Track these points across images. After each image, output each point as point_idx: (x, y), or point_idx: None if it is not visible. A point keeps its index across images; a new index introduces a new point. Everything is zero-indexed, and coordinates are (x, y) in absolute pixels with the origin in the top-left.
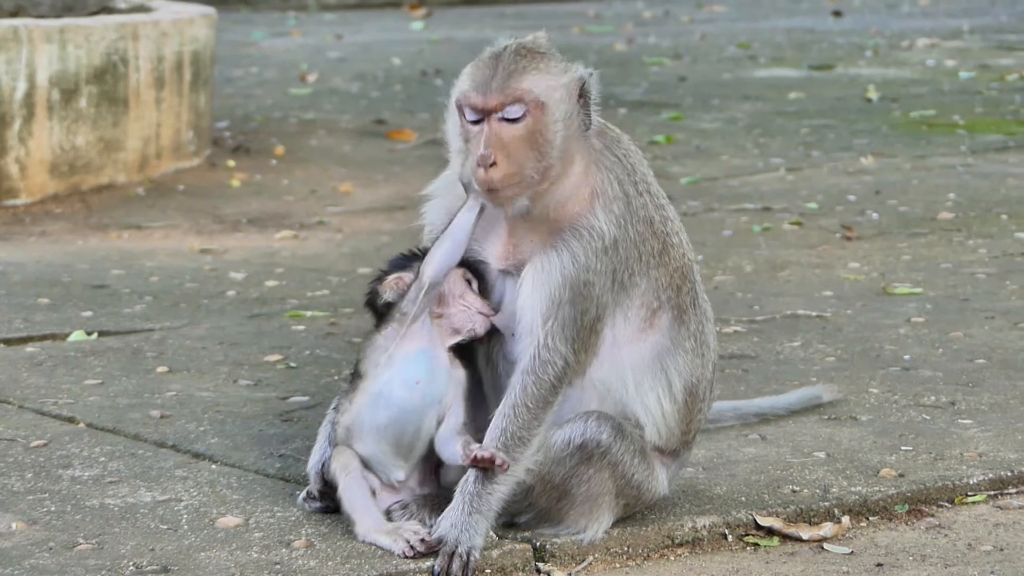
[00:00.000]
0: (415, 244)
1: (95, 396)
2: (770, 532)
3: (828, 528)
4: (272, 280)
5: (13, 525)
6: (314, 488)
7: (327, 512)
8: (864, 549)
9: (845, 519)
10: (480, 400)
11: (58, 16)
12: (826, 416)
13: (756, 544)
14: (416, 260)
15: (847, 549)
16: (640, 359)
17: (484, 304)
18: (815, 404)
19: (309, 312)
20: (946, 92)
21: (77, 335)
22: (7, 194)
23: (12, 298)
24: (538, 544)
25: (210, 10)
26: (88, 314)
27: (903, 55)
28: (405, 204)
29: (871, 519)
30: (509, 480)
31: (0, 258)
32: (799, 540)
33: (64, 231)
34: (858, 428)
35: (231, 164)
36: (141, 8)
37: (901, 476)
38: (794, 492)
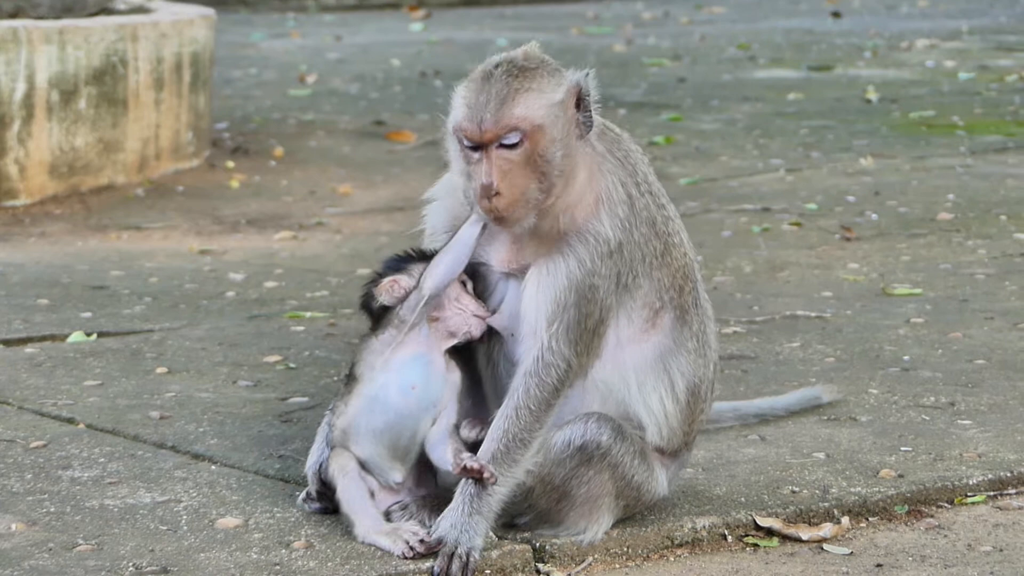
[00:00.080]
0: (411, 246)
1: (94, 397)
2: (770, 533)
3: (828, 529)
4: (271, 281)
5: (13, 526)
6: (312, 489)
7: (326, 513)
8: (864, 550)
9: (845, 520)
10: (480, 400)
11: (57, 17)
12: (826, 417)
13: (756, 545)
14: (412, 262)
15: (847, 550)
16: (643, 360)
17: (479, 306)
18: (814, 405)
19: (308, 313)
20: (945, 93)
21: (76, 336)
22: (6, 195)
23: (11, 299)
24: (538, 545)
25: (209, 11)
26: (87, 315)
27: (902, 56)
28: (404, 205)
29: (871, 520)
30: (509, 481)
31: (0, 259)
32: (799, 541)
33: (63, 232)
34: (858, 429)
35: (230, 165)
36: (140, 9)
37: (901, 477)
38: (794, 493)
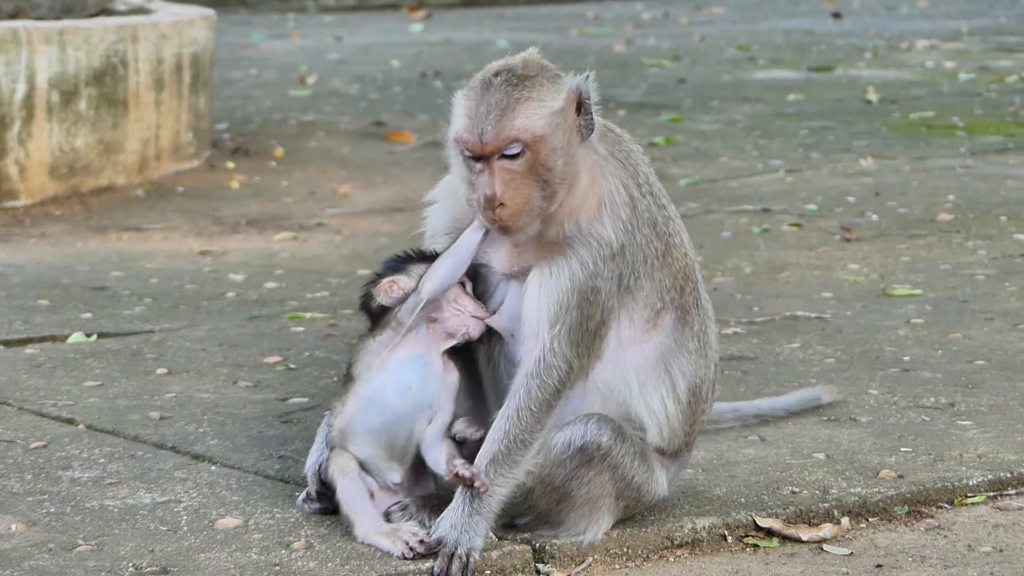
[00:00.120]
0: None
1: (95, 398)
2: (769, 533)
3: (828, 529)
4: (271, 282)
5: (13, 527)
6: (312, 489)
7: (326, 513)
8: (864, 550)
9: (845, 520)
10: (480, 400)
11: (57, 18)
12: (825, 417)
13: (755, 545)
14: (412, 263)
15: (847, 550)
16: (644, 360)
17: (478, 307)
18: (814, 405)
19: (308, 313)
20: (945, 94)
21: (77, 337)
22: (7, 196)
23: (12, 300)
24: (538, 545)
25: (209, 12)
26: (88, 316)
27: (902, 57)
28: (404, 206)
29: (870, 520)
30: (509, 482)
31: (0, 260)
32: (798, 541)
33: (64, 233)
34: (857, 429)
35: (230, 166)
36: (140, 10)
37: (901, 477)
38: (793, 493)
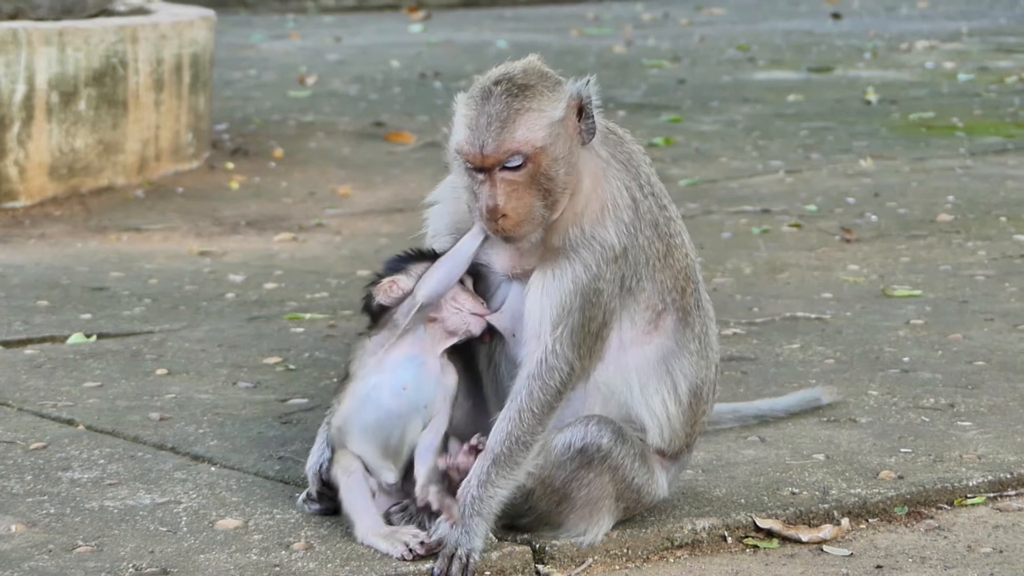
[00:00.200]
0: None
1: (94, 398)
2: (769, 534)
3: (828, 530)
4: (271, 282)
5: (13, 527)
6: (313, 490)
7: (326, 514)
8: (864, 551)
9: (844, 521)
10: (480, 401)
11: (57, 19)
12: (825, 418)
13: (755, 546)
14: (412, 262)
15: (847, 551)
16: (645, 362)
17: (477, 304)
18: (814, 406)
19: (308, 314)
20: (945, 94)
21: (76, 337)
22: (6, 197)
23: (11, 300)
24: (538, 546)
25: (209, 13)
26: (87, 316)
27: (902, 57)
28: (404, 206)
29: (870, 521)
30: (509, 483)
31: (0, 260)
32: (798, 542)
33: (63, 233)
34: (857, 430)
35: (230, 166)
36: (140, 11)
37: (900, 478)
38: (793, 494)
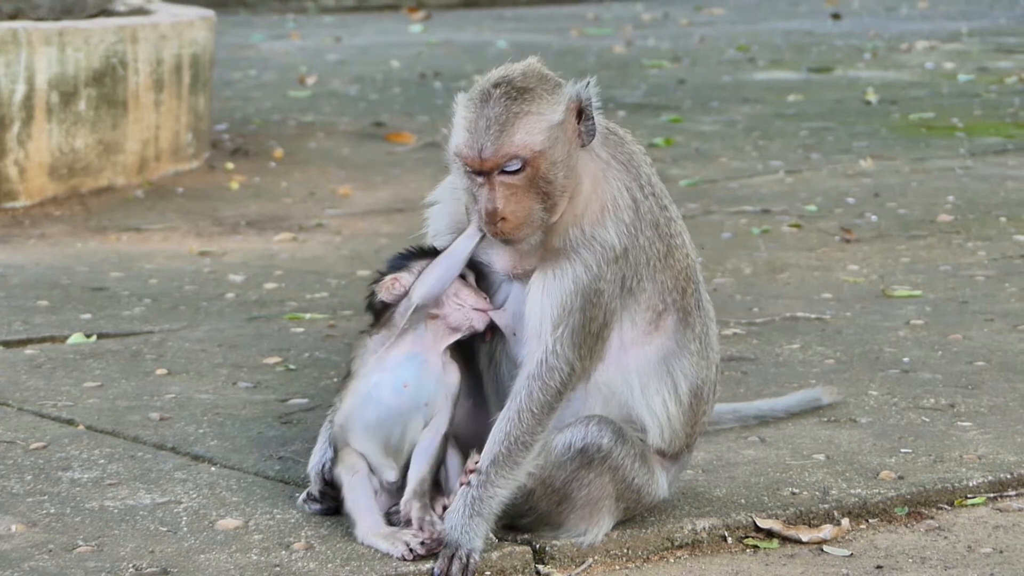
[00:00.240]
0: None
1: (94, 398)
2: (769, 534)
3: (828, 530)
4: (271, 282)
5: (13, 527)
6: (314, 489)
7: (327, 514)
8: (864, 551)
9: (845, 521)
10: (480, 400)
11: (57, 19)
12: (825, 418)
13: (756, 546)
14: (415, 259)
15: (847, 551)
16: (646, 362)
17: (480, 300)
18: (814, 406)
19: (308, 314)
20: (945, 95)
21: (76, 337)
22: (6, 197)
23: (11, 300)
24: (538, 546)
25: (209, 13)
26: (87, 316)
27: (902, 58)
28: (404, 206)
29: (871, 521)
30: (510, 483)
31: (0, 260)
32: (798, 542)
33: (63, 234)
34: (857, 430)
35: (230, 166)
36: (140, 11)
37: (901, 478)
38: (793, 494)
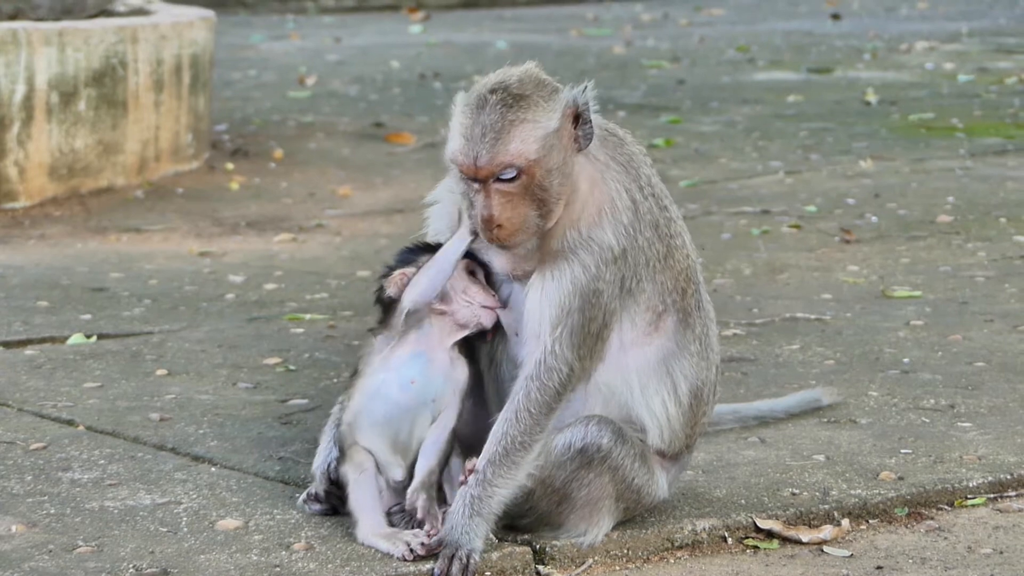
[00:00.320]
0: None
1: (94, 399)
2: (770, 535)
3: (828, 531)
4: (271, 283)
5: (13, 528)
6: (319, 488)
7: (327, 515)
8: (864, 552)
9: (845, 522)
10: (481, 400)
11: (57, 19)
12: (825, 419)
13: (756, 547)
14: (423, 254)
15: (847, 552)
16: (646, 363)
17: (488, 297)
18: (814, 407)
19: (308, 315)
20: (945, 95)
21: (76, 338)
22: (6, 197)
23: (11, 301)
24: (538, 546)
25: (209, 13)
26: (87, 317)
27: (902, 58)
28: (404, 207)
29: (871, 522)
30: (509, 484)
31: (0, 261)
32: (799, 543)
33: (63, 234)
34: (857, 431)
35: (230, 167)
36: (140, 11)
37: (901, 479)
38: (793, 495)
